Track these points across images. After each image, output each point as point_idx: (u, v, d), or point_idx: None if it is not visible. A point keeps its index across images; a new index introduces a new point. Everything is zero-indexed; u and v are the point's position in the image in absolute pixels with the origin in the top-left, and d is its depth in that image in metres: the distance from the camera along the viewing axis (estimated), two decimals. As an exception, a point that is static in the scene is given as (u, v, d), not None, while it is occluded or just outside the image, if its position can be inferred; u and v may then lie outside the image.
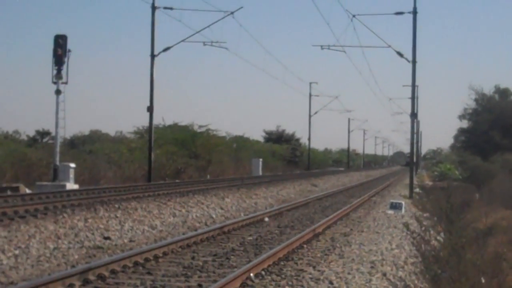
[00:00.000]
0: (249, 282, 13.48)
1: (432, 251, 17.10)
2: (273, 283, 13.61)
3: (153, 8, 43.41)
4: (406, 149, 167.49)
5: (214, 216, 27.05)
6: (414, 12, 45.01)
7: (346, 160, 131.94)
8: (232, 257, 16.59)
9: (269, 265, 15.30)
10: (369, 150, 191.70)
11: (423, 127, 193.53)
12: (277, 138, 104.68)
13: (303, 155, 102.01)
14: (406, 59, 45.74)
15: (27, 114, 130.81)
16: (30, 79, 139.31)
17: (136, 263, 14.92)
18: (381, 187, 54.99)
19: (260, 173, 64.33)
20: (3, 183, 34.96)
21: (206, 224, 24.19)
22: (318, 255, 17.36)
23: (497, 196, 40.12)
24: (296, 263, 15.95)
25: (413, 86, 46.93)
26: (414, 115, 48.92)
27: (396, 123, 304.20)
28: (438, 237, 21.75)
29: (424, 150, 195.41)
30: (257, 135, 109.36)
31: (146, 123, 50.01)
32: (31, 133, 71.09)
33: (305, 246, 18.81)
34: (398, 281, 14.55)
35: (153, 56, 43.73)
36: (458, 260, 15.56)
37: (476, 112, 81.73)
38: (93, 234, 19.45)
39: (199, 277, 13.97)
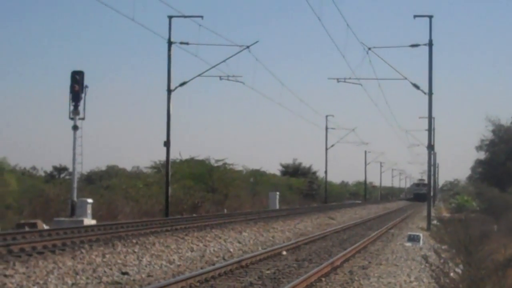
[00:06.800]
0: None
1: (451, 284, 16.99)
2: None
3: (169, 43, 43.64)
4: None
5: (231, 250, 26.99)
6: (430, 44, 45.12)
7: (363, 192, 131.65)
8: (250, 291, 16.55)
9: (287, 299, 15.25)
10: (386, 182, 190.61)
11: (440, 158, 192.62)
12: (293, 171, 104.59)
13: (320, 188, 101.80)
14: (422, 91, 45.82)
15: (44, 150, 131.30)
16: (47, 115, 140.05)
17: (154, 298, 14.91)
18: (399, 220, 54.75)
19: (277, 206, 64.20)
20: (21, 219, 35.06)
21: (224, 259, 24.13)
22: (337, 288, 17.30)
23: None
24: (315, 297, 15.89)
25: (430, 118, 46.92)
26: (431, 147, 48.84)
27: (413, 155, 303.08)
28: (457, 269, 21.62)
29: (441, 181, 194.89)
30: (274, 169, 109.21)
31: (162, 157, 50.26)
32: (49, 169, 71.50)
33: (323, 279, 18.76)
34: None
35: (169, 90, 43.88)
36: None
37: (493, 143, 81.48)
38: (111, 269, 19.45)
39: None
